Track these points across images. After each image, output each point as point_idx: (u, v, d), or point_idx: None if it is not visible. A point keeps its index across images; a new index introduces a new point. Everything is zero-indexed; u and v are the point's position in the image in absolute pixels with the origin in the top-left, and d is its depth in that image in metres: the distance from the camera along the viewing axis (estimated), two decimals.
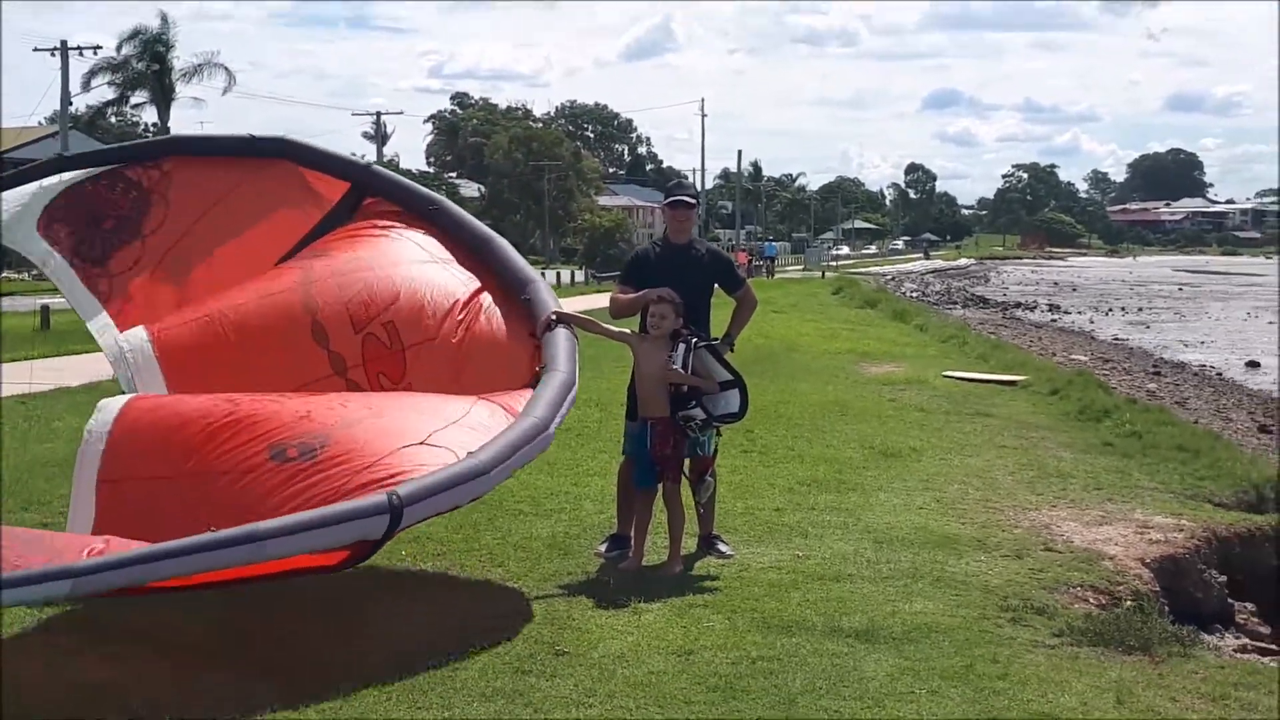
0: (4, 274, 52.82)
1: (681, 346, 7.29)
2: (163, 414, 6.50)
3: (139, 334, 7.26)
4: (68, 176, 7.95)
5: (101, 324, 7.55)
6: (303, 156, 8.23)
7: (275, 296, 7.37)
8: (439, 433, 6.27)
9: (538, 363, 7.12)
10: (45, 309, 28.90)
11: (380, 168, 8.77)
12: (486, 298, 7.48)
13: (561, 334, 7.14)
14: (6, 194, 7.86)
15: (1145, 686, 5.65)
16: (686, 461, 7.51)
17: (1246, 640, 8.32)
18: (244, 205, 8.03)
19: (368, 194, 8.14)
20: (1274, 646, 8.25)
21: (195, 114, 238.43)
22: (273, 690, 5.32)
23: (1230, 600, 8.89)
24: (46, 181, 7.91)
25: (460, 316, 7.31)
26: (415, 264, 7.59)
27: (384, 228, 7.87)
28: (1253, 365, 30.90)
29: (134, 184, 7.99)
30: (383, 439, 6.15)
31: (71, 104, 53.06)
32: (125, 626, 6.20)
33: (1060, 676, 5.71)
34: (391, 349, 7.21)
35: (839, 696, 5.36)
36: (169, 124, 69.32)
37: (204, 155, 8.31)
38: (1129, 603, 7.11)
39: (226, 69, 68.60)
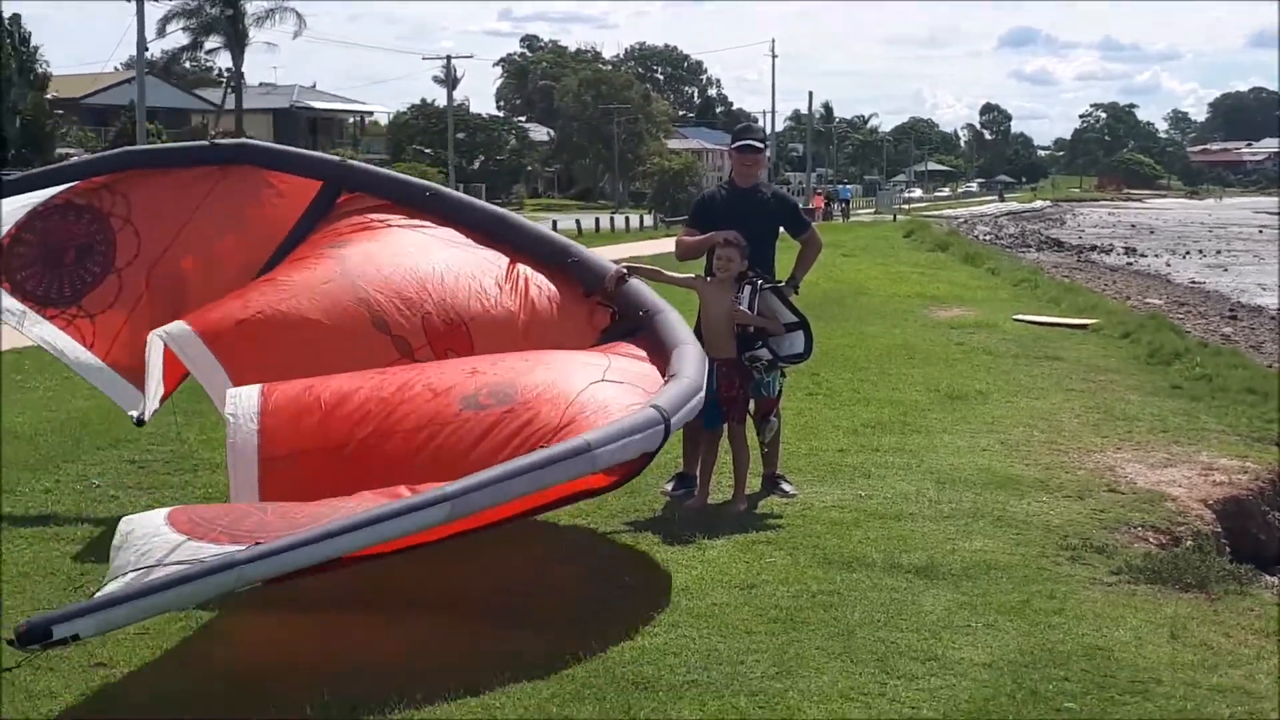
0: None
1: (747, 288, 7.43)
2: (314, 391, 6.07)
3: (181, 326, 6.76)
4: (6, 211, 7.60)
5: (94, 366, 7.47)
6: (264, 159, 7.98)
7: (322, 288, 6.98)
8: (610, 369, 6.32)
9: (600, 321, 7.20)
10: None
11: (355, 163, 8.49)
12: (524, 267, 7.33)
13: (691, 350, 6.83)
14: None
15: (1200, 622, 5.75)
16: (752, 402, 7.66)
17: None
18: (215, 217, 7.70)
19: (344, 190, 7.80)
20: None
21: (268, 58, 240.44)
22: (341, 627, 5.57)
23: None
24: None
25: (507, 287, 7.17)
26: (442, 248, 7.40)
27: (383, 221, 7.60)
28: None
29: (86, 209, 7.67)
30: (566, 382, 6.07)
31: (147, 49, 53.59)
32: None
33: (1116, 612, 5.82)
34: (454, 326, 7.00)
35: (896, 629, 5.51)
36: (242, 69, 70.11)
37: (157, 168, 7.90)
38: (1189, 543, 7.19)
39: (297, 13, 69.35)
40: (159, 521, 4.97)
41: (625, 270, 7.34)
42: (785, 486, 7.89)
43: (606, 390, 6.06)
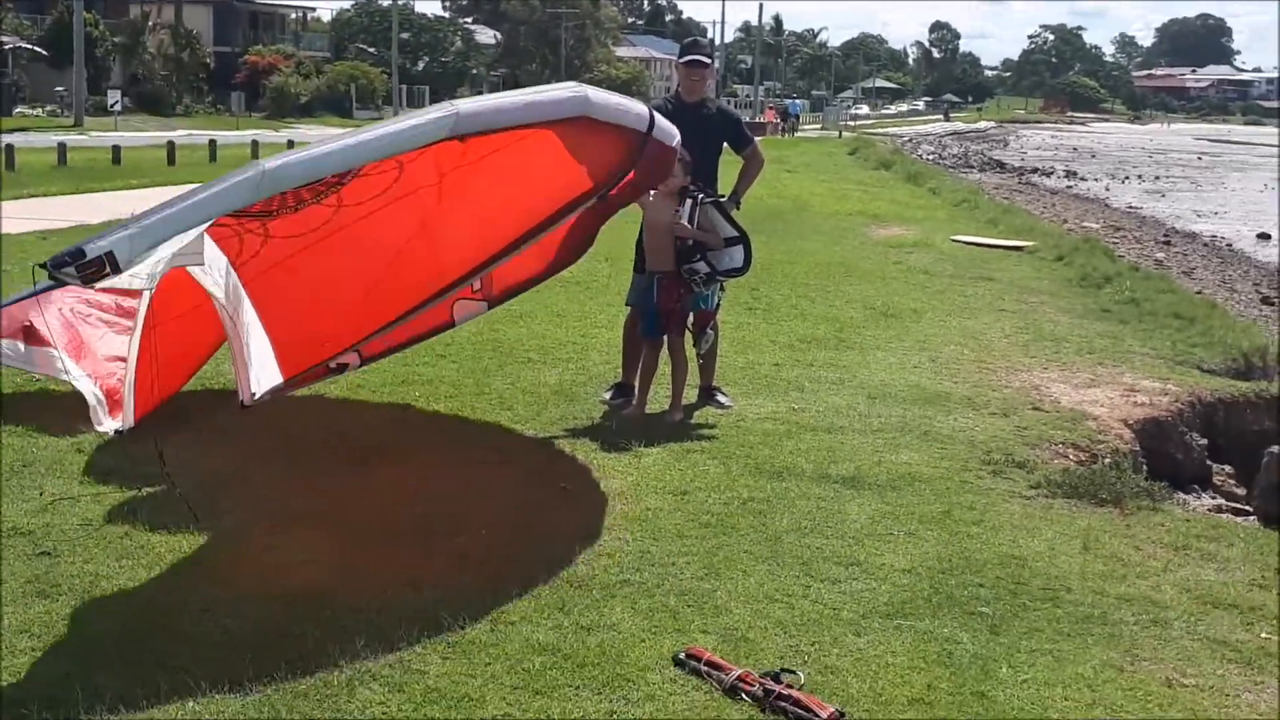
0: (16, 110, 52.62)
1: (688, 202, 7.53)
2: None
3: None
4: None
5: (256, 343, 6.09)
6: (603, 115, 5.84)
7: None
8: None
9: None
10: (62, 146, 29.06)
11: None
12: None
13: None
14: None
15: (1112, 535, 6.02)
16: (690, 314, 7.80)
17: (1221, 501, 8.69)
18: (504, 164, 6.14)
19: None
20: (1246, 508, 8.62)
21: None
22: (293, 520, 5.70)
23: (1210, 463, 9.25)
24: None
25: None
26: None
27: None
28: (1263, 237, 30.92)
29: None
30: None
31: None
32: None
33: (1032, 524, 6.08)
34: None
35: (821, 535, 5.73)
36: None
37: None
38: (1107, 460, 7.46)
39: None
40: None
41: None
42: (721, 398, 8.07)
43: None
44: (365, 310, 6.40)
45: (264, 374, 5.94)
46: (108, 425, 6.48)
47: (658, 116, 6.14)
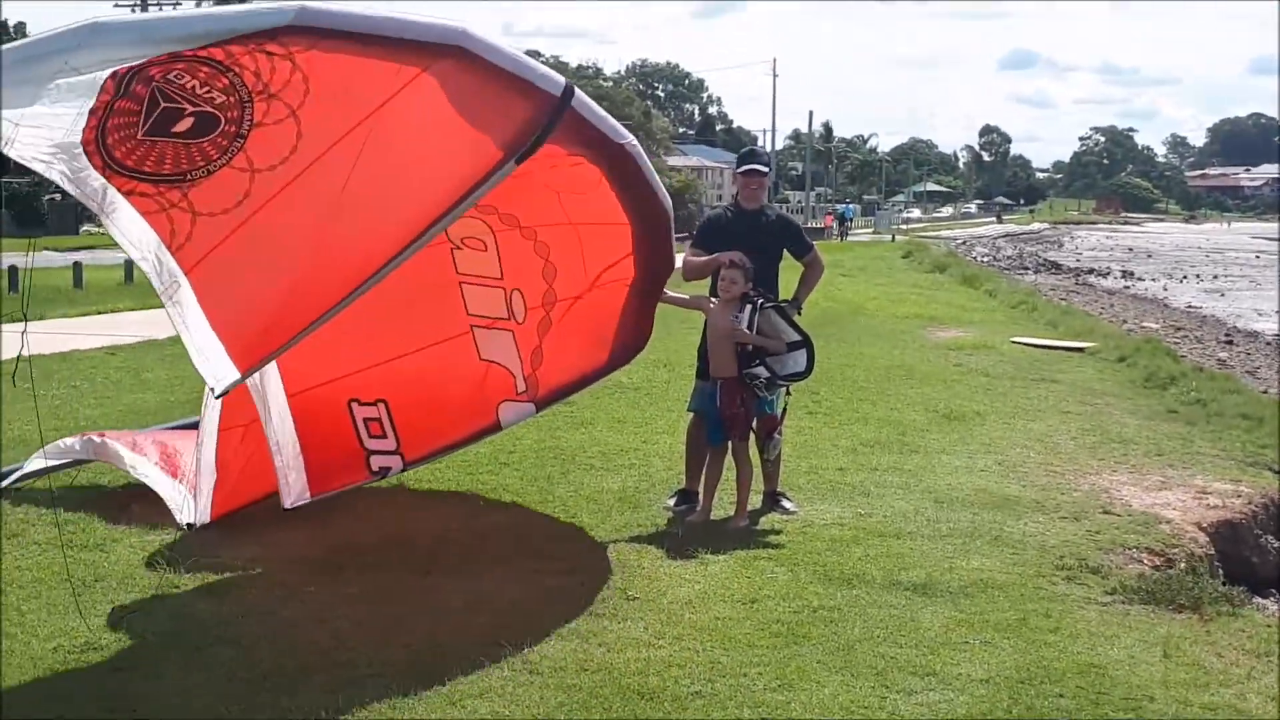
0: (83, 229, 53.85)
1: (748, 307, 7.56)
2: None
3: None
4: (114, 54, 5.13)
5: (194, 324, 5.73)
6: (486, 54, 5.56)
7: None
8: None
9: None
10: (129, 263, 29.65)
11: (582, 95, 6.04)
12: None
13: None
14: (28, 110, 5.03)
15: (1192, 642, 5.88)
16: (755, 420, 7.78)
17: None
18: (404, 127, 5.80)
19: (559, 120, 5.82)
20: None
21: None
22: (360, 630, 5.69)
23: None
24: (79, 70, 5.05)
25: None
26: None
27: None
28: None
29: (230, 70, 5.50)
30: None
31: None
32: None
33: (1110, 631, 5.95)
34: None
35: (895, 644, 5.63)
36: None
37: (347, 38, 5.44)
38: (1182, 564, 7.32)
39: None
40: None
41: None
42: (786, 503, 8.01)
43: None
44: (303, 301, 5.87)
45: (220, 369, 5.65)
46: (183, 517, 6.85)
47: (580, 92, 5.83)
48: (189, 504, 7.05)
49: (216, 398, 5.90)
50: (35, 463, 7.74)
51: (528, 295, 7.28)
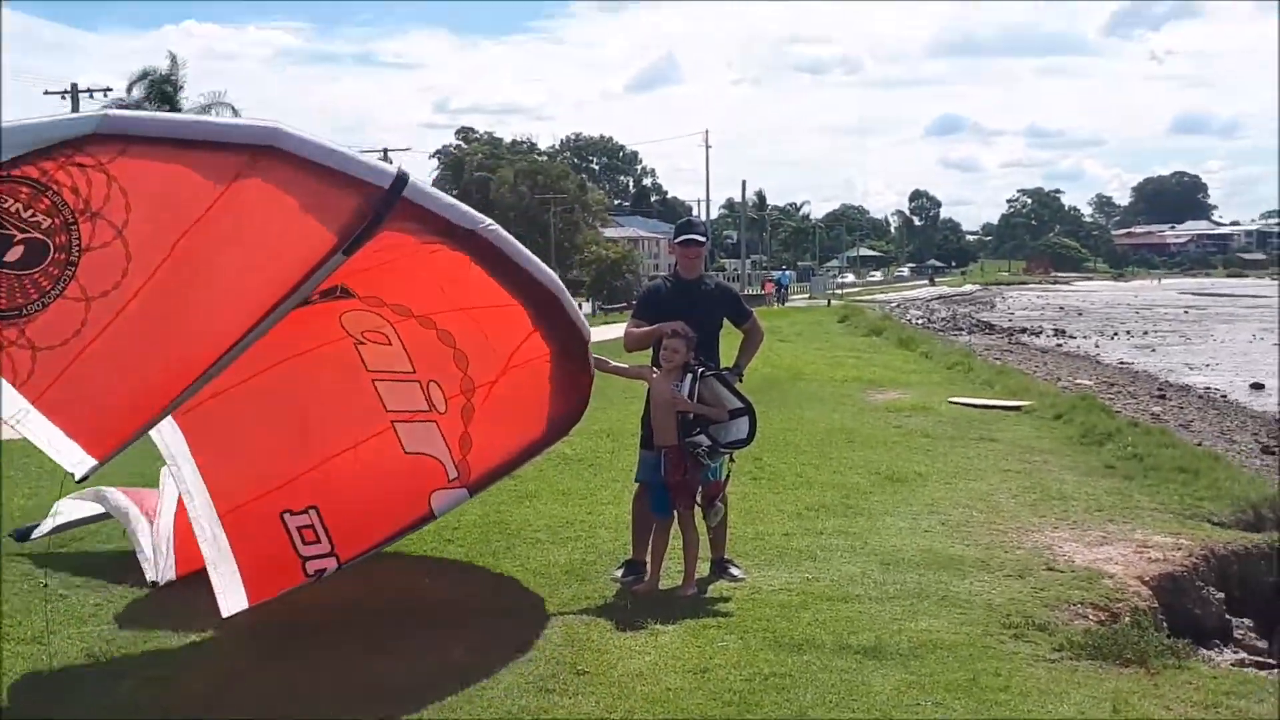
0: None
1: (688, 376, 7.59)
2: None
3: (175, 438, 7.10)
4: None
5: (45, 435, 5.82)
6: (300, 150, 5.70)
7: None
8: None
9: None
10: None
11: (417, 181, 6.16)
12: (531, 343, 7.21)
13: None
14: None
15: (1141, 696, 5.92)
16: (700, 487, 7.78)
17: (1244, 655, 8.58)
18: (227, 229, 5.77)
19: (388, 216, 5.92)
20: (1270, 660, 8.50)
21: None
22: (304, 710, 5.60)
23: (1228, 616, 9.14)
24: None
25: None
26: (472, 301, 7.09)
27: (427, 248, 6.53)
28: (1257, 387, 31.14)
29: (50, 189, 5.52)
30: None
31: None
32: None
33: (1059, 688, 5.98)
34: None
35: (848, 709, 5.63)
36: None
37: (157, 145, 5.61)
38: (1127, 619, 7.38)
39: (233, 108, 69.14)
40: None
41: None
42: (733, 570, 8.00)
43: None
44: (150, 393, 5.92)
45: (74, 457, 5.75)
46: (149, 575, 7.08)
47: (415, 180, 5.95)
48: (160, 560, 7.13)
49: (77, 482, 5.86)
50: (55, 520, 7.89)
51: (445, 385, 7.33)
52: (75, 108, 48.65)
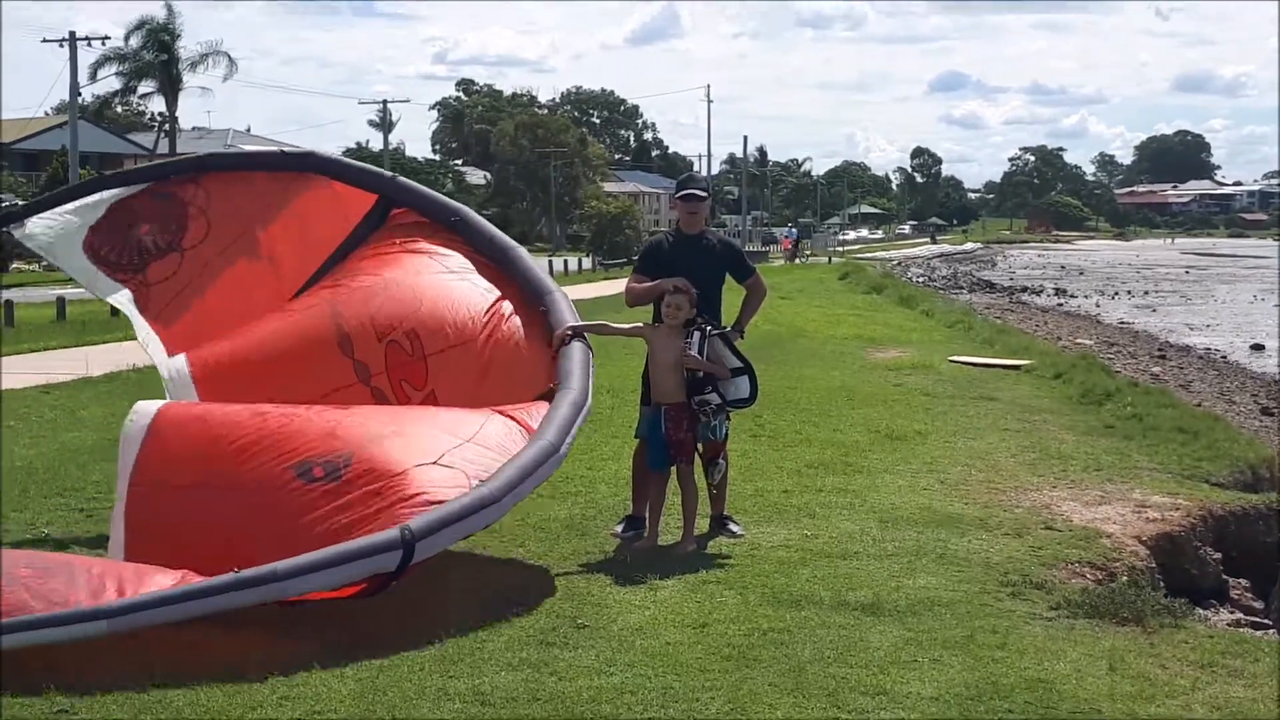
0: (13, 266, 53.13)
1: (696, 334, 7.59)
2: (194, 426, 6.82)
3: (180, 361, 7.89)
4: (108, 195, 8.63)
5: (145, 334, 8.24)
6: (331, 170, 8.85)
7: (304, 313, 7.95)
8: (451, 452, 6.55)
9: (555, 374, 7.43)
10: (61, 300, 29.28)
11: (405, 180, 9.04)
12: (507, 306, 7.81)
13: (576, 349, 7.47)
14: (45, 215, 8.54)
15: (1137, 655, 5.95)
16: (699, 445, 7.81)
17: (1240, 615, 8.63)
18: (277, 222, 8.55)
19: (395, 205, 8.59)
20: (1266, 621, 8.55)
21: (202, 103, 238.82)
22: (313, 655, 5.62)
23: (1225, 577, 9.19)
24: (88, 200, 8.60)
25: (484, 322, 7.66)
26: (437, 275, 7.95)
27: (406, 242, 8.27)
28: (1257, 348, 31.20)
29: (171, 196, 8.57)
30: (401, 456, 6.44)
31: (80, 94, 53.26)
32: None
33: (1056, 646, 6.01)
34: (414, 357, 7.59)
35: (845, 665, 5.66)
36: (176, 113, 69.70)
37: (238, 170, 8.99)
38: (1124, 578, 7.41)
39: (229, 56, 68.83)
40: None
41: (569, 333, 7.53)
42: (732, 527, 8.03)
43: (430, 474, 6.38)
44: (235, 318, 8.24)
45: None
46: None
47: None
48: None
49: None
50: None
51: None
52: (73, 55, 48.35)
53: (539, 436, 6.79)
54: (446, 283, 7.89)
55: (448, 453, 6.55)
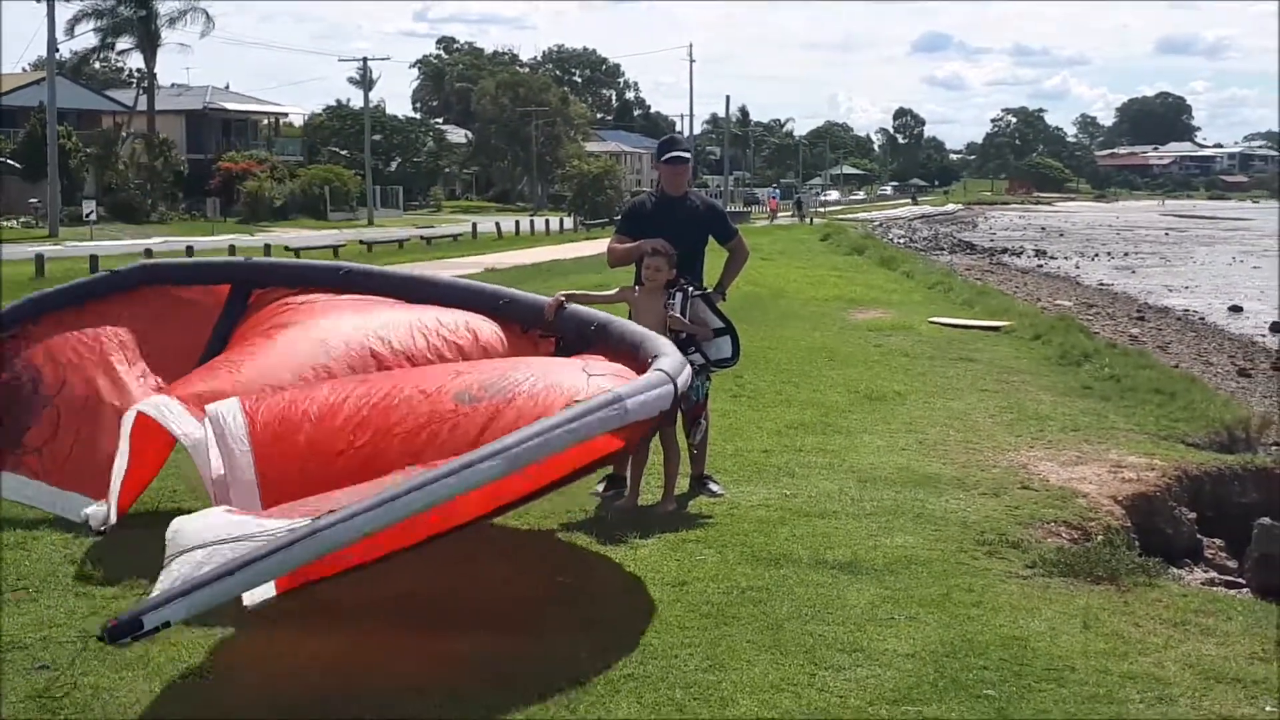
0: None
1: (679, 295, 7.62)
2: (294, 406, 6.13)
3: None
4: None
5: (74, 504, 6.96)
6: (167, 276, 7.98)
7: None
8: (587, 374, 6.20)
9: (546, 350, 7.36)
10: (40, 257, 29.11)
11: (258, 259, 8.45)
12: (469, 316, 7.41)
13: (660, 341, 6.89)
14: None
15: (1111, 613, 6.03)
16: (681, 405, 7.83)
17: (1214, 574, 8.73)
18: (130, 342, 7.51)
19: (254, 287, 7.79)
20: (1240, 580, 8.65)
21: (180, 59, 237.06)
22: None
23: (1200, 536, 9.29)
24: None
25: (458, 332, 7.23)
26: (379, 308, 7.50)
27: (306, 301, 7.58)
28: (1235, 310, 31.36)
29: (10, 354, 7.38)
30: (555, 375, 6.11)
31: (57, 50, 52.73)
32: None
33: (1031, 604, 6.08)
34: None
35: (823, 622, 5.72)
36: (155, 70, 69.11)
37: (68, 308, 7.67)
38: (1100, 537, 7.49)
39: (206, 13, 68.30)
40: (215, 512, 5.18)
41: (563, 297, 7.52)
42: (713, 486, 8.08)
43: (597, 381, 6.03)
44: None
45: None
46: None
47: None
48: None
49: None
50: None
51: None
52: (51, 11, 47.83)
53: (660, 356, 6.42)
54: (391, 313, 7.42)
55: (586, 365, 6.35)
